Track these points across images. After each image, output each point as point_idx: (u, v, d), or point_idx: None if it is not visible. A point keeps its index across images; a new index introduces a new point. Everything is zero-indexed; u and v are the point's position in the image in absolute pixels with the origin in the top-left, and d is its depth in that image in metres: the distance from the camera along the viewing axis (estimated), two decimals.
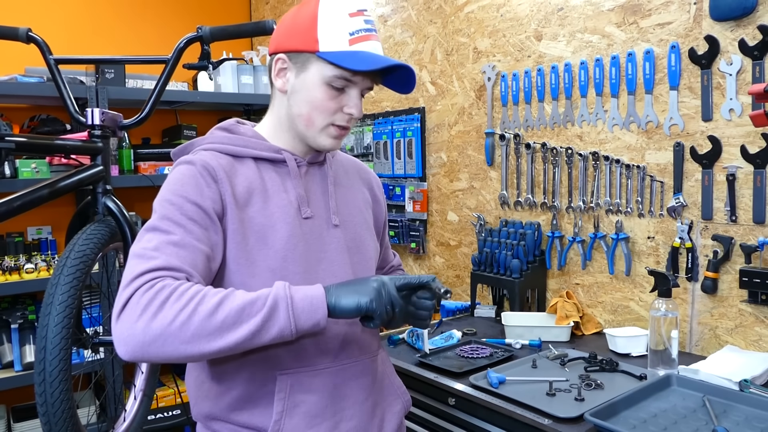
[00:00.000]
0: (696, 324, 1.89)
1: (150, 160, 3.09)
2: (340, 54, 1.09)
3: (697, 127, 1.86)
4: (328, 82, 1.11)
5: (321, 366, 1.16)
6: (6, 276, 2.62)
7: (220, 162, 1.11)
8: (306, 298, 0.99)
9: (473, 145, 2.58)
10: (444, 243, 2.77)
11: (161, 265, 0.97)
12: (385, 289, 1.04)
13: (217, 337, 0.93)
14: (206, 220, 1.05)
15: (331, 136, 1.16)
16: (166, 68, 1.75)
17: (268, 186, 1.15)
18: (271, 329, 0.96)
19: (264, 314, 0.95)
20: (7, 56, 2.86)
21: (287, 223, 1.13)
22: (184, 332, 0.92)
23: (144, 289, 0.94)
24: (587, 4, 2.12)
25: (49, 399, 1.32)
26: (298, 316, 0.97)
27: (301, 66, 1.13)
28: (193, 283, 0.98)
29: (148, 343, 0.92)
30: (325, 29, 1.10)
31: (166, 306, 0.93)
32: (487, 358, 1.84)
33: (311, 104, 1.13)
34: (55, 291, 1.38)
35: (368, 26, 1.13)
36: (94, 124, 1.70)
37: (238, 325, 0.94)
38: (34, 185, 1.49)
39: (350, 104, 1.14)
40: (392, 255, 1.52)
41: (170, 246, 1.00)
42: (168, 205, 1.04)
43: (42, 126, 2.88)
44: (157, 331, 0.92)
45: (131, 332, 0.92)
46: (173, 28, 3.55)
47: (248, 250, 1.10)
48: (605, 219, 2.12)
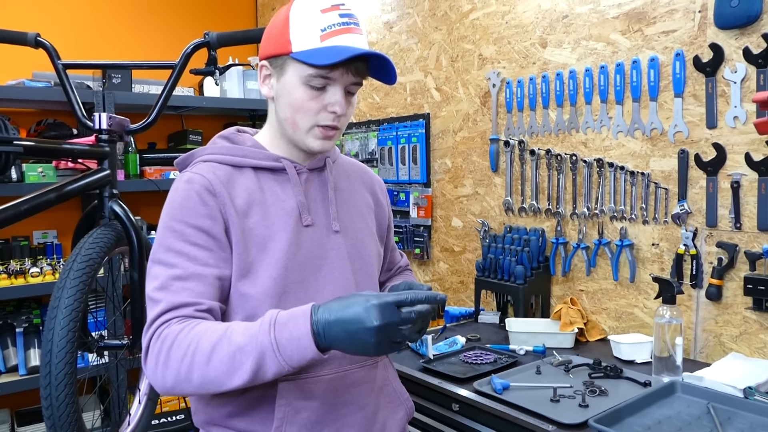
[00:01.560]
0: (700, 331, 1.89)
1: (155, 164, 3.11)
2: (310, 51, 1.08)
3: (701, 135, 1.86)
4: (306, 82, 1.10)
5: (322, 373, 1.15)
6: (11, 280, 2.63)
7: (218, 174, 1.13)
8: (293, 340, 0.96)
9: (478, 152, 2.59)
10: (448, 249, 2.77)
11: (166, 308, 1.03)
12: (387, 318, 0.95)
13: (219, 384, 0.99)
14: (210, 241, 1.08)
15: (317, 137, 1.15)
16: (173, 74, 1.77)
17: (267, 196, 1.16)
18: (267, 373, 0.98)
19: (253, 364, 0.97)
20: (14, 61, 2.89)
21: (287, 232, 1.14)
22: (191, 381, 1.00)
23: (155, 338, 1.02)
24: (592, 12, 2.12)
25: (54, 402, 1.32)
26: (289, 359, 0.96)
27: (279, 70, 1.13)
28: (193, 325, 1.02)
29: (170, 388, 1.02)
30: (296, 29, 1.09)
31: (170, 356, 1.00)
32: (491, 364, 1.84)
33: (293, 107, 1.13)
34: (61, 294, 1.38)
35: (344, 20, 1.10)
36: (102, 128, 1.71)
37: (234, 373, 0.98)
38: (41, 189, 1.50)
39: (332, 102, 1.12)
40: (399, 256, 1.50)
41: (175, 281, 1.05)
42: (170, 233, 1.08)
43: (49, 130, 2.90)
44: (172, 380, 1.01)
45: (155, 379, 1.03)
46: (179, 33, 3.57)
47: (249, 261, 1.11)
48: (609, 225, 2.12)
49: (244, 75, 3.37)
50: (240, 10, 3.93)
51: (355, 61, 1.09)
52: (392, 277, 1.46)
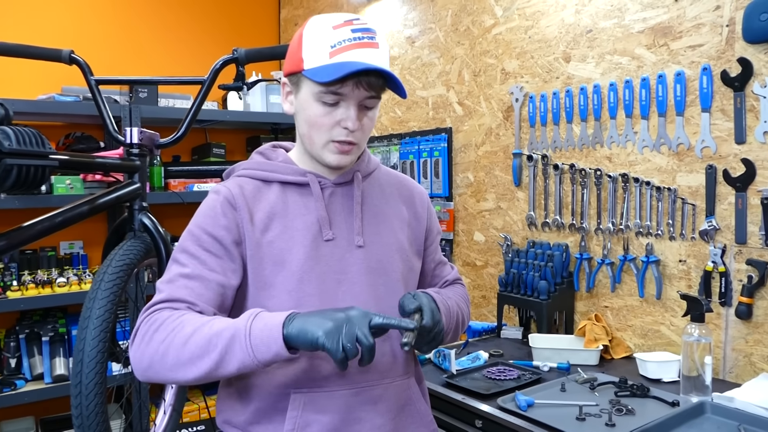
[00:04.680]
0: (730, 350, 1.86)
1: (180, 177, 3.15)
2: (318, 68, 1.09)
3: (730, 150, 1.84)
4: (318, 99, 1.12)
5: (335, 387, 1.15)
6: (39, 289, 2.68)
7: (244, 189, 1.17)
8: (265, 329, 0.99)
9: (500, 166, 2.59)
10: (470, 263, 2.76)
11: (164, 298, 1.09)
12: (350, 325, 0.97)
13: (189, 366, 1.01)
14: (221, 250, 1.13)
15: (333, 152, 1.15)
16: (203, 89, 1.80)
17: (290, 210, 1.18)
18: (231, 360, 1.00)
19: (222, 347, 0.99)
20: (44, 75, 2.95)
21: (305, 246, 1.15)
22: (165, 361, 1.02)
23: (145, 320, 1.07)
24: (617, 26, 2.12)
25: (84, 411, 1.34)
26: (256, 347, 0.98)
27: (296, 87, 1.16)
28: (183, 313, 1.06)
29: (145, 369, 1.05)
30: (308, 46, 1.11)
31: (154, 336, 1.04)
32: (515, 381, 1.83)
33: (308, 123, 1.15)
34: (92, 305, 1.41)
35: (356, 35, 1.09)
36: (133, 142, 1.75)
37: (203, 356, 1.00)
38: (74, 202, 1.53)
39: (344, 117, 1.12)
40: (448, 270, 1.45)
41: (181, 278, 1.10)
42: (189, 237, 1.15)
43: (77, 143, 2.96)
44: (148, 358, 1.04)
45: (134, 358, 1.07)
46: (206, 48, 3.64)
47: (265, 274, 1.14)
48: (635, 241, 2.10)
49: (267, 89, 3.41)
50: (263, 25, 3.98)
51: (366, 75, 1.09)
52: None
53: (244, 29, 3.86)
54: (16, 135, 1.22)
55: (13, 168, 1.22)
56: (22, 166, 1.24)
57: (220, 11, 3.74)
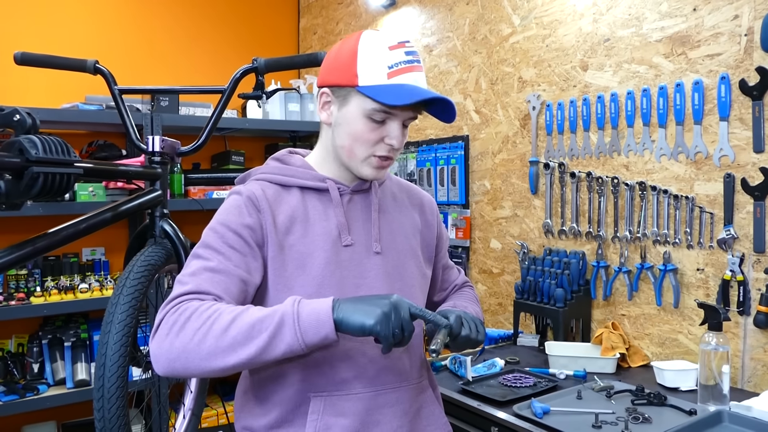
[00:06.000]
0: (748, 359, 1.84)
1: (199, 184, 3.19)
2: (378, 88, 1.12)
3: (748, 159, 1.83)
4: (368, 116, 1.15)
5: (355, 390, 1.17)
6: (62, 295, 2.73)
7: (266, 192, 1.18)
8: (313, 313, 1.01)
9: (517, 173, 2.59)
10: (487, 270, 2.77)
11: (191, 290, 1.07)
12: (396, 312, 1.02)
13: (230, 352, 1.00)
14: (245, 247, 1.13)
15: (372, 166, 1.19)
16: (223, 98, 1.83)
17: (310, 214, 1.20)
18: (279, 345, 1.00)
19: (271, 331, 1.00)
20: (68, 84, 3.02)
21: (325, 251, 1.17)
22: (202, 349, 1.00)
23: (172, 311, 1.05)
24: (634, 35, 2.12)
25: (106, 415, 1.37)
26: (305, 331, 1.00)
27: (342, 100, 1.17)
28: (214, 303, 1.05)
29: (174, 360, 1.02)
30: (364, 64, 1.13)
31: (187, 325, 1.02)
32: (531, 388, 1.83)
33: (352, 136, 1.17)
34: (114, 310, 1.44)
35: (409, 57, 1.15)
36: (155, 150, 1.78)
37: (248, 342, 0.99)
38: (97, 209, 1.57)
39: (391, 135, 1.17)
40: (455, 274, 1.49)
41: (206, 272, 1.09)
42: (212, 233, 1.15)
43: (99, 151, 3.02)
44: (180, 348, 1.01)
45: (160, 350, 1.03)
46: (226, 57, 3.69)
47: (286, 276, 1.16)
48: (652, 249, 2.09)
49: (286, 98, 3.45)
50: (283, 34, 4.03)
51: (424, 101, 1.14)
52: (449, 296, 1.46)
53: (264, 38, 3.91)
54: (43, 144, 1.25)
55: (40, 176, 1.25)
56: (48, 174, 1.26)
57: (240, 20, 3.80)
